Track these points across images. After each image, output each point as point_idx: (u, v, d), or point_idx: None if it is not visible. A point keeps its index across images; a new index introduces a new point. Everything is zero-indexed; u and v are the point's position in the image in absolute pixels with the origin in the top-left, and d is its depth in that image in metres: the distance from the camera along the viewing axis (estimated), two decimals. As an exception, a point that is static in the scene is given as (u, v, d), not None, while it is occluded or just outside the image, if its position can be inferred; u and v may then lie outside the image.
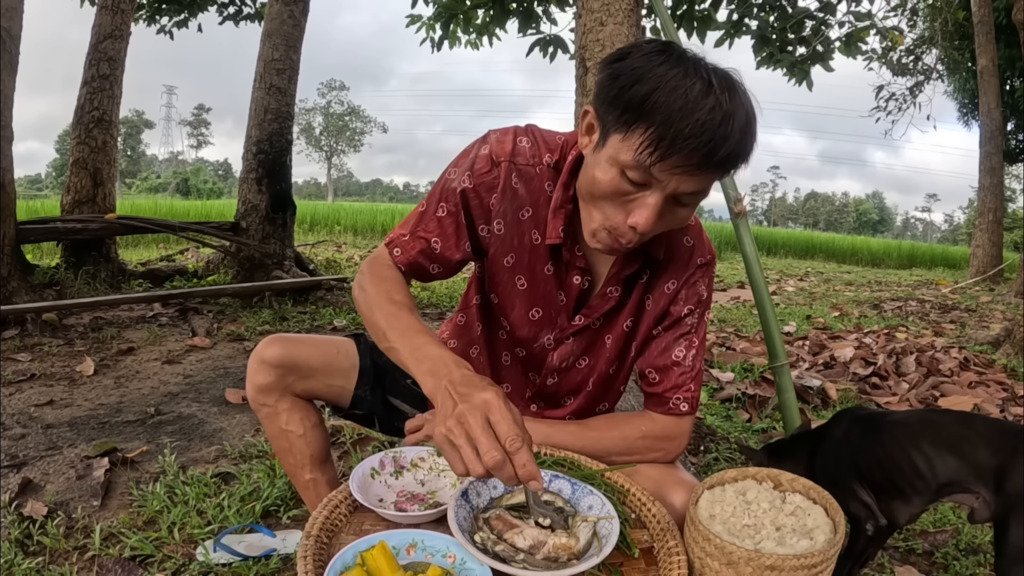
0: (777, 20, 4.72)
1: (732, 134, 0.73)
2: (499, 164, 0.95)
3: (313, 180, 77.53)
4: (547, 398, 1.11)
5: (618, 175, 0.78)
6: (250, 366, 1.06)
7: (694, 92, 0.72)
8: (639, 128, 0.74)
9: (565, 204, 0.93)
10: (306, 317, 4.22)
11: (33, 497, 1.68)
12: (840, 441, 1.21)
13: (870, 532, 1.16)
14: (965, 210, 55.93)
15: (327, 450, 1.15)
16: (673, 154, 0.73)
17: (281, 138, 5.23)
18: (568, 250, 0.96)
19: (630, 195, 0.79)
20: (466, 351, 1.12)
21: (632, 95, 0.74)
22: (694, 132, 0.71)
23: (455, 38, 5.01)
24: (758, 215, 78.89)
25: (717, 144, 0.72)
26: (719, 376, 3.04)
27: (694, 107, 0.71)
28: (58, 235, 4.49)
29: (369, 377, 1.12)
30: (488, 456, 0.63)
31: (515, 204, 0.96)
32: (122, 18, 5.01)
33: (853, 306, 5.94)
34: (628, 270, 0.97)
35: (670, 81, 0.73)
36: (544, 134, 0.98)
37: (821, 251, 17.60)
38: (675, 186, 0.77)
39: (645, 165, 0.75)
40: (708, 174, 0.77)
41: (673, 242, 0.99)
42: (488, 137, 0.97)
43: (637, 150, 0.75)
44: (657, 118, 0.73)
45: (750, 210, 41.65)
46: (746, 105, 0.75)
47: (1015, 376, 3.17)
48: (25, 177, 58.16)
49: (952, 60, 11.20)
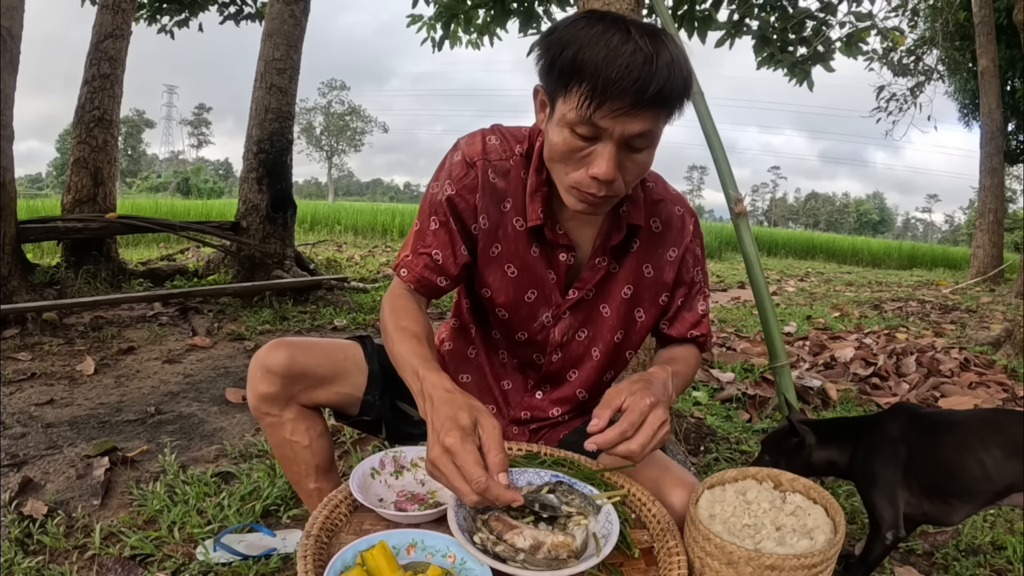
0: (778, 20, 4.71)
1: (658, 71, 0.79)
2: (474, 165, 1.00)
3: (313, 180, 77.60)
4: (552, 378, 1.12)
5: (569, 134, 0.85)
6: (252, 373, 1.02)
7: (614, 42, 0.79)
8: (575, 86, 0.81)
9: (540, 187, 0.98)
10: (306, 317, 4.22)
11: (33, 496, 1.68)
12: (895, 439, 1.18)
13: (888, 541, 1.13)
14: (966, 211, 56.00)
15: (332, 459, 1.13)
16: (607, 100, 0.79)
17: (282, 138, 5.23)
18: (550, 230, 1.00)
19: (584, 150, 0.85)
20: (464, 351, 1.15)
21: (563, 60, 0.81)
22: (620, 75, 0.78)
23: (456, 38, 5.00)
24: (758, 215, 78.91)
25: (644, 82, 0.78)
26: (719, 376, 3.04)
27: (616, 54, 0.78)
28: (58, 234, 4.49)
29: (378, 381, 1.10)
30: (467, 499, 0.71)
31: (495, 198, 1.01)
32: (123, 17, 5.01)
33: (853, 306, 5.93)
34: (613, 240, 1.02)
35: (592, 38, 0.80)
36: (510, 129, 1.04)
37: (821, 251, 17.59)
38: (620, 130, 0.82)
39: (587, 117, 0.81)
40: (646, 113, 0.81)
41: (666, 213, 1.07)
42: (458, 144, 1.03)
43: (577, 106, 0.81)
44: (587, 72, 0.79)
45: (750, 210, 41.74)
46: (670, 47, 0.81)
47: (1015, 377, 3.17)
48: (26, 176, 58.24)
49: (953, 61, 11.20)
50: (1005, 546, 1.60)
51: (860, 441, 1.23)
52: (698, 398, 2.77)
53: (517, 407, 1.13)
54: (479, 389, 1.14)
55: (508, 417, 1.13)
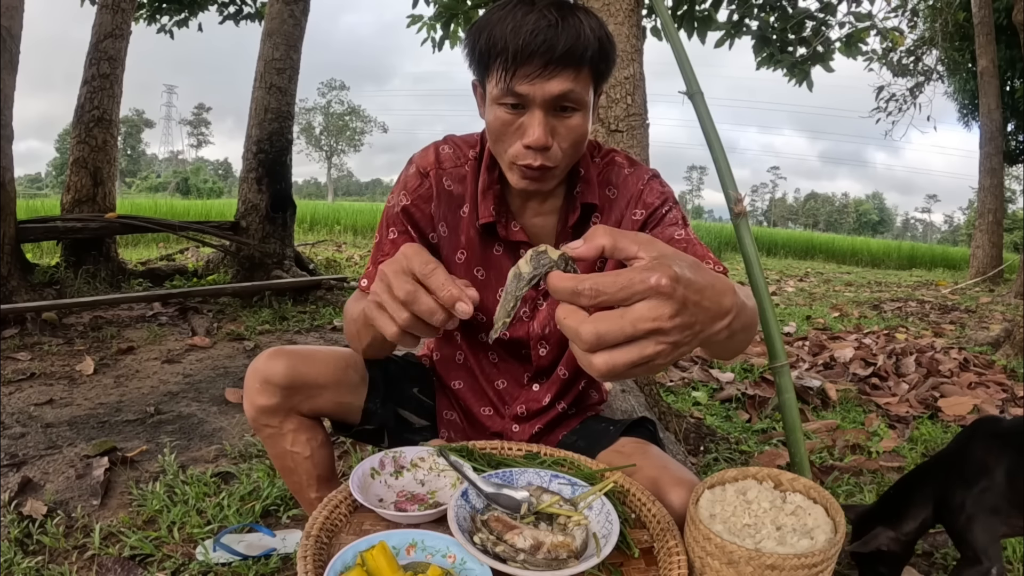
0: (777, 20, 4.71)
1: (565, 32, 0.84)
2: (427, 175, 1.02)
3: (313, 180, 77.54)
4: (546, 371, 1.12)
5: (499, 109, 0.89)
6: (250, 384, 0.99)
7: (519, 15, 0.85)
8: (492, 63, 0.87)
9: (492, 185, 1.00)
10: (306, 317, 4.22)
11: (33, 496, 1.68)
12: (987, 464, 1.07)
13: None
14: (965, 211, 56.02)
15: (333, 468, 1.12)
16: (520, 65, 0.84)
17: (281, 138, 5.22)
18: (503, 227, 1.01)
19: (515, 123, 0.89)
20: (452, 358, 1.15)
21: (481, 45, 0.88)
22: (527, 40, 0.83)
23: (456, 38, 5.00)
24: (758, 215, 78.90)
25: (551, 43, 0.83)
26: (719, 376, 3.04)
27: (522, 24, 0.84)
28: (58, 234, 4.49)
29: (380, 388, 1.09)
30: (399, 295, 0.64)
31: (452, 204, 1.03)
32: (122, 17, 5.01)
33: (853, 307, 5.93)
34: (571, 221, 1.02)
35: (501, 17, 0.86)
36: (463, 137, 1.07)
37: (821, 252, 17.59)
38: (540, 93, 0.86)
39: (507, 88, 0.86)
40: (562, 73, 0.85)
41: (620, 178, 1.05)
42: (412, 159, 1.05)
43: (498, 80, 0.87)
44: (499, 47, 0.85)
45: (750, 210, 41.66)
46: (580, 15, 0.86)
47: (1015, 377, 3.17)
48: (25, 176, 58.17)
49: (952, 61, 11.20)
50: (1005, 546, 1.60)
51: (948, 480, 1.11)
52: (698, 398, 2.77)
53: (514, 403, 1.13)
54: (473, 392, 1.14)
55: (507, 415, 1.13)
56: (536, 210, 1.03)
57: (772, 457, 2.12)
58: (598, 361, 0.50)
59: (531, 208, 1.03)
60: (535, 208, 1.03)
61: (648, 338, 0.50)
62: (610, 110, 2.06)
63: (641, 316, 0.49)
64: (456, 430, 1.16)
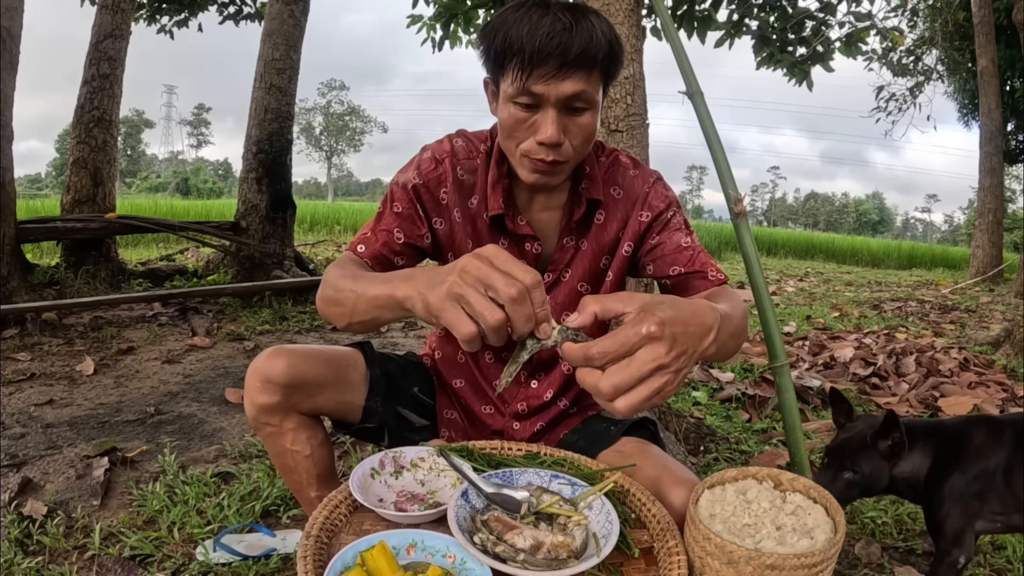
0: (777, 20, 4.71)
1: (578, 35, 0.87)
2: (443, 161, 1.05)
3: (313, 180, 77.52)
4: (546, 366, 1.13)
5: (513, 107, 0.92)
6: (250, 383, 0.99)
7: (535, 17, 0.88)
8: (508, 63, 0.90)
9: (502, 179, 1.02)
10: (306, 317, 4.22)
11: (33, 496, 1.68)
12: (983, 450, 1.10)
13: (961, 564, 1.08)
14: (965, 211, 56.02)
15: (333, 467, 1.12)
16: (536, 66, 0.87)
17: (281, 138, 5.22)
18: (511, 220, 1.03)
19: (529, 120, 0.92)
20: (454, 357, 1.16)
21: (496, 45, 0.90)
22: (543, 42, 0.86)
23: (456, 38, 5.00)
24: (758, 215, 78.90)
25: (566, 45, 0.86)
26: (719, 376, 3.04)
27: (537, 26, 0.87)
28: (58, 234, 4.49)
29: (380, 387, 1.09)
30: (506, 292, 0.61)
31: (463, 193, 1.05)
32: (122, 17, 5.01)
33: (853, 306, 5.93)
34: (576, 216, 1.04)
35: (516, 19, 0.89)
36: (474, 133, 1.10)
37: (821, 251, 17.58)
38: (555, 93, 0.89)
39: (523, 87, 0.89)
40: (575, 74, 0.88)
41: (625, 179, 1.08)
42: (426, 147, 1.08)
43: (513, 79, 0.89)
44: (515, 48, 0.88)
45: (750, 210, 41.68)
46: (591, 17, 0.90)
47: (1015, 377, 3.17)
48: (25, 176, 58.17)
49: (952, 61, 11.19)
50: (1005, 546, 1.60)
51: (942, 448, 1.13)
52: (698, 398, 2.77)
53: (514, 400, 1.13)
54: (474, 391, 1.15)
55: (507, 414, 1.13)
56: (542, 205, 1.06)
57: (772, 457, 2.12)
58: (619, 405, 0.60)
59: (537, 203, 1.06)
60: (541, 203, 1.06)
61: (654, 375, 0.60)
62: (610, 110, 2.05)
63: (644, 361, 0.60)
64: (457, 429, 1.16)
